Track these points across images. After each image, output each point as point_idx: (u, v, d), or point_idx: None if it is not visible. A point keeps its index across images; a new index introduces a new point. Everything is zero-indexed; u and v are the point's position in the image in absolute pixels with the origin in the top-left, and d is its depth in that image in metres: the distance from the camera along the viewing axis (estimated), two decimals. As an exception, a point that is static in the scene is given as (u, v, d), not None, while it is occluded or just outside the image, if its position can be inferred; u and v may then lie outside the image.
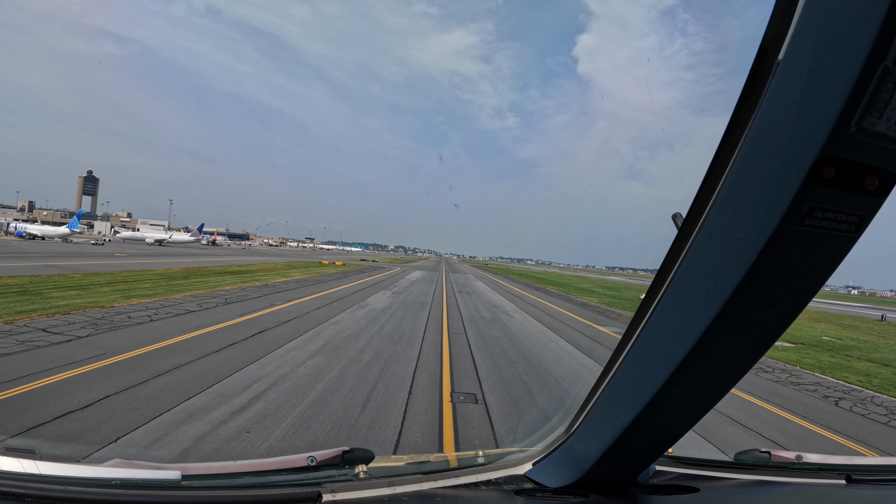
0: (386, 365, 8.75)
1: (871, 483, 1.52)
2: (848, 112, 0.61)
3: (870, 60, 0.59)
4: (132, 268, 25.44)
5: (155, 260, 34.51)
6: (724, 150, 0.78)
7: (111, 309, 12.30)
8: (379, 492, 1.22)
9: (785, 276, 0.77)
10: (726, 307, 0.79)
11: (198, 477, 1.21)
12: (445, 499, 1.23)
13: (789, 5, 0.66)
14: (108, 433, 4.88)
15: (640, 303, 1.02)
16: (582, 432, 1.27)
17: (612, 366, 1.11)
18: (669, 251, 0.93)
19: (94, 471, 1.13)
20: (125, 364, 7.41)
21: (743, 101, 0.74)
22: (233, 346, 9.27)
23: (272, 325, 11.94)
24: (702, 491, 1.34)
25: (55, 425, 4.96)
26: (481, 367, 9.32)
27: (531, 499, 1.27)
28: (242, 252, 73.50)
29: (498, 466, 1.43)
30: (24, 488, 0.99)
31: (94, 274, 20.34)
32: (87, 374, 6.75)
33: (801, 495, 1.45)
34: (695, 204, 0.85)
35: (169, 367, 7.38)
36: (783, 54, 0.66)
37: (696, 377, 0.94)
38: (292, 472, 1.27)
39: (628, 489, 1.31)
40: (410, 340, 11.42)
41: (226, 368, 7.61)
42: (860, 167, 0.67)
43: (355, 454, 1.32)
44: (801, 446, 6.06)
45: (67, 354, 7.66)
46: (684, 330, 0.87)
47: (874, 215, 0.72)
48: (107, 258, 31.98)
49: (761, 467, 1.56)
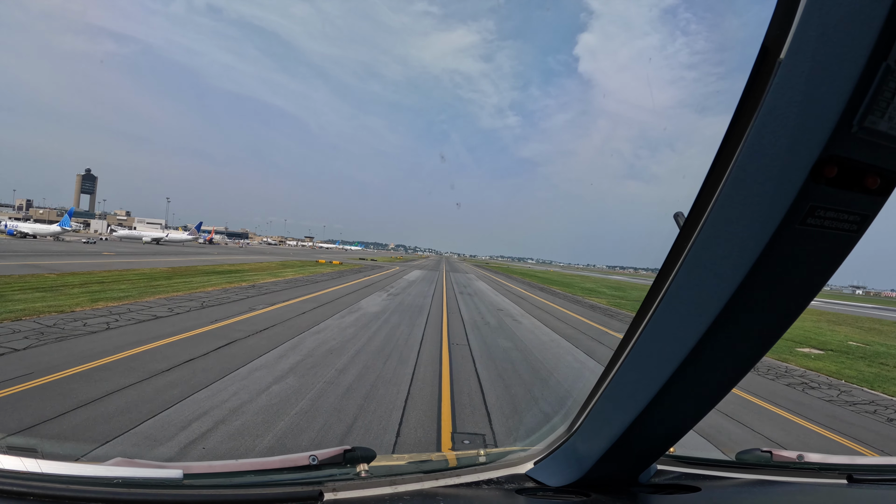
0: (371, 390, 7.17)
1: (872, 483, 1.52)
2: (850, 111, 0.61)
3: (872, 59, 0.59)
4: (116, 267, 24.16)
5: (143, 259, 33.18)
6: (726, 149, 0.77)
7: (70, 314, 10.90)
8: (380, 491, 1.23)
9: (787, 276, 0.77)
10: (728, 306, 0.79)
11: (199, 476, 1.21)
12: (447, 498, 1.24)
13: (791, 4, 0.65)
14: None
15: (641, 302, 1.02)
16: (583, 431, 1.27)
17: (614, 365, 1.10)
18: (671, 250, 0.92)
19: (96, 469, 1.13)
20: (46, 390, 5.93)
21: (744, 101, 0.73)
22: (188, 363, 7.74)
23: (245, 334, 10.42)
24: (703, 490, 1.35)
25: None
26: (490, 391, 7.69)
27: (533, 498, 1.28)
28: (238, 251, 72.34)
29: (499, 465, 1.43)
30: (26, 487, 1.00)
31: (70, 274, 19.04)
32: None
33: (803, 495, 1.47)
34: (696, 203, 0.85)
35: (97, 395, 5.88)
36: (785, 53, 0.66)
37: (697, 376, 0.94)
38: (294, 470, 1.27)
39: (630, 488, 1.32)
40: (404, 355, 9.82)
41: (167, 397, 6.08)
42: (862, 166, 0.67)
43: (357, 453, 1.32)
44: (803, 446, 5.57)
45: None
46: (686, 329, 0.87)
47: (876, 215, 0.72)
48: (93, 257, 30.76)
49: (763, 467, 1.57)
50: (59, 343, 8.25)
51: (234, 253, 59.08)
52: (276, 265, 37.63)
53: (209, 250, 61.99)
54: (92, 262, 26.10)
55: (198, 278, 22.14)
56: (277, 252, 77.92)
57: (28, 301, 12.00)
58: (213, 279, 22.26)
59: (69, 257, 28.77)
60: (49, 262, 23.73)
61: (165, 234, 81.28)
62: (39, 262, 23.27)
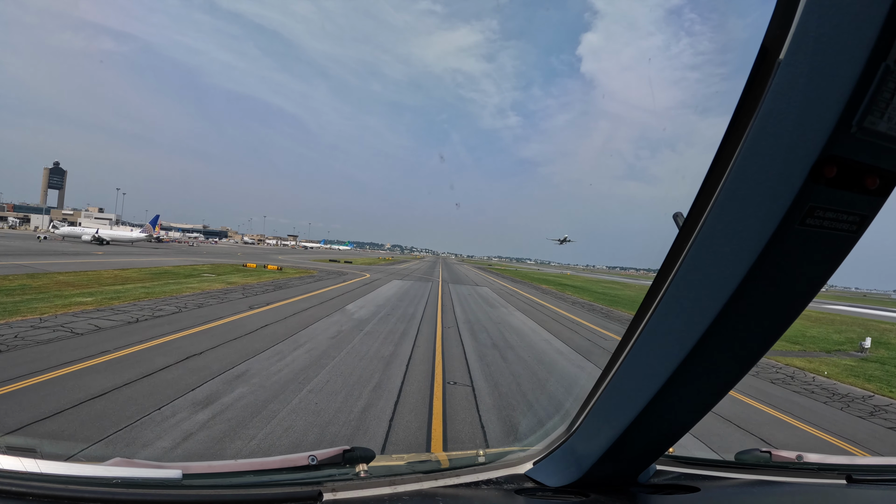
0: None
1: (871, 483, 1.52)
2: (849, 112, 0.61)
3: (871, 60, 0.59)
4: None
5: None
6: (726, 149, 0.77)
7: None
8: (380, 491, 1.22)
9: (786, 276, 0.77)
10: (727, 306, 0.79)
11: (199, 476, 1.20)
12: (446, 498, 1.23)
13: (790, 4, 0.65)
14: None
15: (640, 302, 0.98)
16: (583, 432, 1.27)
17: (613, 365, 1.10)
18: (670, 251, 0.92)
19: (95, 469, 1.13)
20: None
21: (744, 101, 0.73)
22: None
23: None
24: (702, 490, 1.35)
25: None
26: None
27: (532, 498, 1.27)
28: (180, 251, 56.17)
29: (498, 466, 1.42)
30: (26, 487, 0.99)
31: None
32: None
33: (802, 495, 1.46)
34: (696, 203, 0.85)
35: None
36: (784, 54, 0.66)
37: (696, 376, 0.94)
38: (293, 471, 1.27)
39: (629, 488, 1.31)
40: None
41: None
42: (861, 167, 0.67)
43: (356, 453, 1.31)
44: (802, 446, 4.55)
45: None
46: (685, 329, 0.87)
47: (875, 215, 0.72)
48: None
49: (762, 467, 1.56)
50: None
51: (167, 255, 41.75)
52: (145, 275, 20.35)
53: (138, 251, 46.30)
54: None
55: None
56: (220, 252, 60.17)
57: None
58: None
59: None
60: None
61: (96, 230, 63.79)
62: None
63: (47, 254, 31.10)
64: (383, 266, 59.54)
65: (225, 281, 22.87)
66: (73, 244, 48.84)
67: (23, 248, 35.51)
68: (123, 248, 51.35)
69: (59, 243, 48.82)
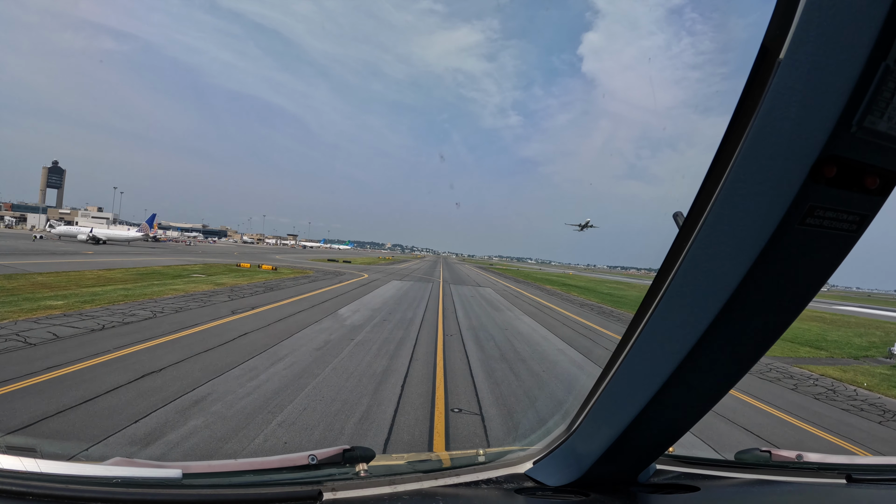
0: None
1: (871, 483, 1.51)
2: (849, 111, 0.61)
3: (871, 59, 0.59)
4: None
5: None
6: (726, 149, 0.77)
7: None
8: (380, 490, 1.21)
9: (786, 275, 0.77)
10: (727, 306, 0.79)
11: (199, 475, 1.19)
12: (446, 497, 1.23)
13: (790, 4, 0.65)
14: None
15: (640, 301, 0.97)
16: (582, 431, 1.26)
17: (613, 364, 1.09)
18: (670, 250, 0.92)
19: (95, 469, 1.12)
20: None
21: (744, 100, 0.73)
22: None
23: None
24: (702, 490, 1.34)
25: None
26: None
27: (532, 497, 1.27)
28: (175, 250, 54.95)
29: (498, 465, 1.42)
30: (26, 486, 0.99)
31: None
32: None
33: (802, 495, 1.45)
34: (696, 203, 0.85)
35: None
36: (784, 53, 0.66)
37: (696, 376, 0.93)
38: (293, 470, 1.26)
39: (629, 488, 1.30)
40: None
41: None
42: (861, 166, 0.67)
43: (356, 452, 1.31)
44: (802, 446, 4.24)
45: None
46: (685, 328, 0.87)
47: (875, 214, 0.72)
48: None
49: (762, 466, 1.55)
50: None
51: (159, 254, 40.49)
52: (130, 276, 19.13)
53: (133, 251, 45.59)
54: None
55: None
56: (217, 252, 59.00)
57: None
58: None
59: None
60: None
61: (90, 229, 62.67)
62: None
63: (36, 253, 30.07)
64: (383, 266, 58.10)
65: (214, 282, 21.71)
66: (66, 244, 47.83)
67: (13, 247, 34.40)
68: (118, 247, 50.32)
69: (54, 243, 47.88)
